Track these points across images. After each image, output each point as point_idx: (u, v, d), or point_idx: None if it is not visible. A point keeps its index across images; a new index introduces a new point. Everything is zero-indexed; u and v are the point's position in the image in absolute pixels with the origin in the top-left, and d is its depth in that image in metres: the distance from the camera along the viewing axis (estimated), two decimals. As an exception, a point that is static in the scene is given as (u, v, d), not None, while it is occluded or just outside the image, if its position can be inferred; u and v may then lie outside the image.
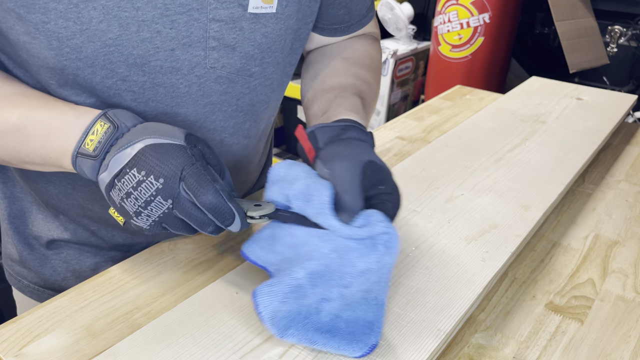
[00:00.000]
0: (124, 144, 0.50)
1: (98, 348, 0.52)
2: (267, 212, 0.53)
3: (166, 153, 0.50)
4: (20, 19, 0.51)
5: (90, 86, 0.56)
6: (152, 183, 0.49)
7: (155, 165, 0.49)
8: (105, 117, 0.53)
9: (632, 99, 1.17)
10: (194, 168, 0.49)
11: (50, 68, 0.54)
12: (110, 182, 0.50)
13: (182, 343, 0.51)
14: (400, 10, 2.50)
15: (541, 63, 2.63)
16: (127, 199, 0.50)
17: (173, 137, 0.51)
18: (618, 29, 2.34)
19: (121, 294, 0.60)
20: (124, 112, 0.54)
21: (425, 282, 0.60)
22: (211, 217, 0.51)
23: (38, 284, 0.76)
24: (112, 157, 0.50)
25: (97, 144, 0.51)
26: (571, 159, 0.88)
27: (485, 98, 1.22)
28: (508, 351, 0.56)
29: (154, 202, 0.49)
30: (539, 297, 0.64)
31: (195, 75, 0.58)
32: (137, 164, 0.49)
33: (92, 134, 0.52)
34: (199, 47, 0.56)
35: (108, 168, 0.50)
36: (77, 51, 0.53)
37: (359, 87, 0.69)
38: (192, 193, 0.49)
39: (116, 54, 0.54)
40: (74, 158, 0.53)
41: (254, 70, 0.61)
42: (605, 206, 0.84)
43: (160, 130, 0.52)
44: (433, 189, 0.79)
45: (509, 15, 2.28)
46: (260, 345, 0.51)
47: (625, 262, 0.71)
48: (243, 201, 0.54)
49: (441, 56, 2.39)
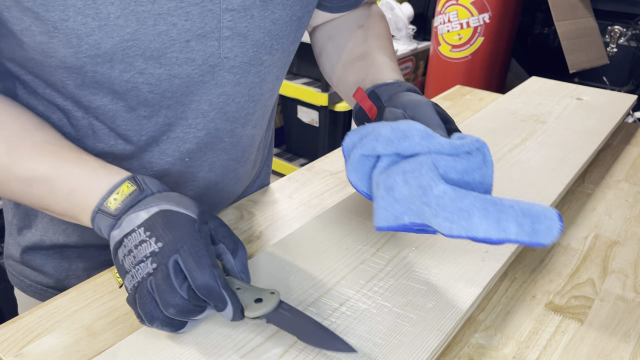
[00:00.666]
0: (142, 207, 0.51)
1: (98, 348, 0.52)
2: (266, 310, 0.50)
3: (175, 221, 0.50)
4: (38, 18, 0.50)
5: (109, 82, 0.56)
6: (151, 244, 0.48)
7: (161, 229, 0.49)
8: (133, 180, 0.53)
9: (632, 99, 1.17)
10: (195, 243, 0.49)
11: (68, 67, 0.54)
12: (120, 240, 0.50)
13: (182, 343, 0.51)
14: (400, 10, 2.50)
15: (541, 63, 2.63)
16: (128, 256, 0.49)
17: (187, 208, 0.51)
18: (618, 29, 2.34)
19: (121, 294, 0.60)
20: (152, 179, 0.54)
21: (426, 282, 0.60)
22: (195, 302, 0.48)
23: (41, 283, 0.76)
24: (127, 217, 0.51)
25: (120, 204, 0.52)
26: (571, 159, 0.88)
27: (485, 98, 1.22)
28: (508, 351, 0.56)
29: (143, 263, 0.48)
30: (539, 297, 0.64)
31: (210, 65, 0.59)
32: (145, 225, 0.49)
33: (116, 194, 0.52)
34: (213, 37, 0.57)
35: (121, 226, 0.51)
36: (96, 47, 0.53)
37: (384, 48, 0.73)
38: (186, 269, 0.48)
39: (134, 48, 0.54)
40: (94, 214, 0.52)
41: (265, 58, 0.63)
42: (605, 206, 0.84)
43: (178, 200, 0.52)
44: (433, 189, 0.78)
45: (509, 15, 2.28)
46: (260, 345, 0.51)
47: (625, 262, 0.71)
48: (247, 290, 0.52)
49: (441, 56, 2.39)
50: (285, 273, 0.60)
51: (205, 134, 0.65)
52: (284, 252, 0.64)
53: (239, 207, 0.78)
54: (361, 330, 0.53)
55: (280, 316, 0.50)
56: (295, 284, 0.59)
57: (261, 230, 0.73)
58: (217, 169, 0.71)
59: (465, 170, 0.51)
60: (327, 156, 0.95)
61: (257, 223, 0.74)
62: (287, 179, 0.87)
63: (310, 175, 0.88)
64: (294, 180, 0.87)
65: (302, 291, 0.58)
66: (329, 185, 0.85)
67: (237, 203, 0.79)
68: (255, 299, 0.51)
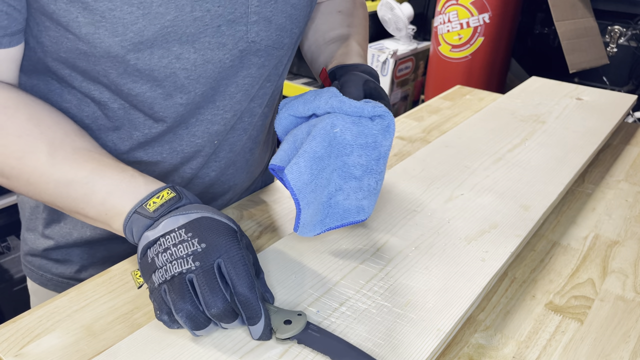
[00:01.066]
0: (182, 212, 0.52)
1: (98, 348, 0.52)
2: (297, 331, 0.51)
3: (217, 228, 0.50)
4: (85, 8, 0.53)
5: (149, 68, 0.58)
6: (193, 244, 0.49)
7: (206, 232, 0.50)
8: (172, 188, 0.55)
9: (632, 99, 1.17)
10: (238, 252, 0.49)
11: (112, 57, 0.56)
12: (155, 239, 0.50)
13: (182, 343, 0.51)
14: (400, 10, 2.50)
15: (541, 63, 2.63)
16: (163, 253, 0.49)
17: (227, 219, 0.52)
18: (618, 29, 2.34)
19: (121, 294, 0.60)
20: (189, 191, 0.56)
21: (425, 282, 0.60)
22: (237, 310, 0.49)
23: (62, 275, 0.78)
24: (165, 220, 0.51)
25: (159, 207, 0.52)
26: (571, 159, 0.88)
27: (485, 98, 1.22)
28: (508, 351, 0.56)
29: (182, 260, 0.48)
30: (539, 297, 0.64)
31: (239, 50, 0.63)
32: (187, 227, 0.50)
33: (157, 198, 0.53)
34: (242, 22, 0.61)
35: (157, 227, 0.51)
36: (139, 35, 0.55)
37: (356, 35, 0.79)
38: (229, 276, 0.48)
39: (172, 34, 0.57)
40: (129, 214, 0.53)
41: (286, 41, 0.67)
42: (605, 206, 0.84)
43: (216, 211, 0.53)
44: (433, 189, 0.79)
45: (509, 15, 2.28)
46: (261, 345, 0.51)
47: (625, 262, 0.71)
48: (276, 312, 0.53)
49: (441, 56, 2.39)
50: (286, 273, 0.60)
51: (232, 116, 0.68)
52: (284, 252, 0.64)
53: (239, 207, 0.78)
54: (361, 330, 0.53)
55: (311, 337, 0.51)
56: (295, 284, 0.59)
57: (261, 230, 0.73)
58: (237, 149, 0.74)
59: (361, 133, 0.59)
60: (327, 156, 0.95)
61: (257, 223, 0.74)
62: (287, 179, 0.87)
63: (310, 175, 0.88)
64: (294, 180, 0.87)
65: (302, 291, 0.58)
66: (329, 185, 0.85)
67: (237, 203, 0.79)
68: (285, 320, 0.52)
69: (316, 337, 0.51)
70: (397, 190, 0.78)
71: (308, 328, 0.52)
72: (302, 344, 0.51)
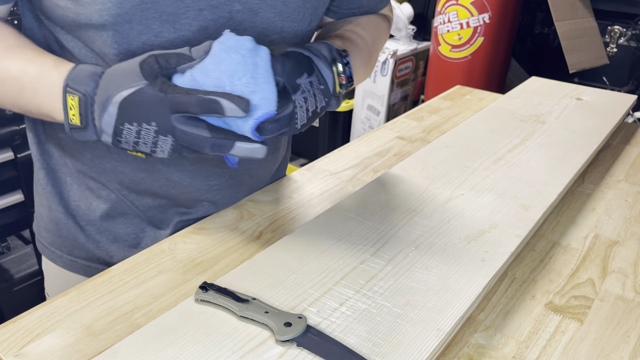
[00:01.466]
0: (101, 108, 0.54)
1: (98, 348, 0.52)
2: (296, 334, 0.51)
3: (141, 101, 0.52)
4: None
5: (127, 43, 0.60)
6: (148, 128, 0.52)
7: (140, 113, 0.52)
8: (69, 90, 0.55)
9: (632, 99, 1.17)
10: (169, 97, 0.51)
11: (94, 26, 0.59)
12: (114, 140, 0.54)
13: (182, 343, 0.51)
14: (400, 10, 2.50)
15: (541, 63, 2.63)
16: (137, 146, 0.54)
17: (132, 80, 0.53)
18: (618, 29, 2.34)
19: (121, 293, 0.60)
20: (80, 75, 0.56)
21: (425, 282, 0.60)
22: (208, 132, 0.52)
23: (72, 254, 0.79)
24: (101, 123, 0.54)
25: (80, 116, 0.55)
26: (571, 159, 0.89)
27: (485, 98, 1.22)
28: (508, 351, 0.56)
29: (159, 141, 0.53)
30: (539, 297, 0.64)
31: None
32: (125, 118, 0.53)
33: (70, 109, 0.55)
34: (225, 9, 0.61)
35: (104, 131, 0.54)
36: (118, 6, 0.57)
37: (353, 38, 0.74)
38: (185, 113, 0.51)
39: (152, 10, 0.58)
40: (69, 134, 0.57)
41: (274, 37, 0.66)
42: (605, 206, 0.84)
43: (119, 78, 0.54)
44: (433, 188, 0.79)
45: (509, 15, 2.28)
46: (260, 345, 0.51)
47: (624, 262, 0.71)
48: (276, 314, 0.53)
49: (441, 56, 2.39)
50: (286, 273, 0.60)
51: None
52: (284, 252, 0.64)
53: (239, 207, 0.78)
54: (361, 330, 0.53)
55: (311, 340, 0.51)
56: (296, 284, 0.59)
57: (261, 230, 0.73)
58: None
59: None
60: (327, 156, 0.95)
61: (257, 223, 0.74)
62: (287, 179, 0.87)
63: (310, 175, 0.88)
64: (293, 180, 0.87)
65: (302, 291, 0.58)
66: (329, 185, 0.85)
67: (237, 203, 0.79)
68: (285, 322, 0.52)
69: (316, 341, 0.51)
70: (397, 190, 0.78)
71: (308, 331, 0.52)
72: (301, 347, 0.51)
